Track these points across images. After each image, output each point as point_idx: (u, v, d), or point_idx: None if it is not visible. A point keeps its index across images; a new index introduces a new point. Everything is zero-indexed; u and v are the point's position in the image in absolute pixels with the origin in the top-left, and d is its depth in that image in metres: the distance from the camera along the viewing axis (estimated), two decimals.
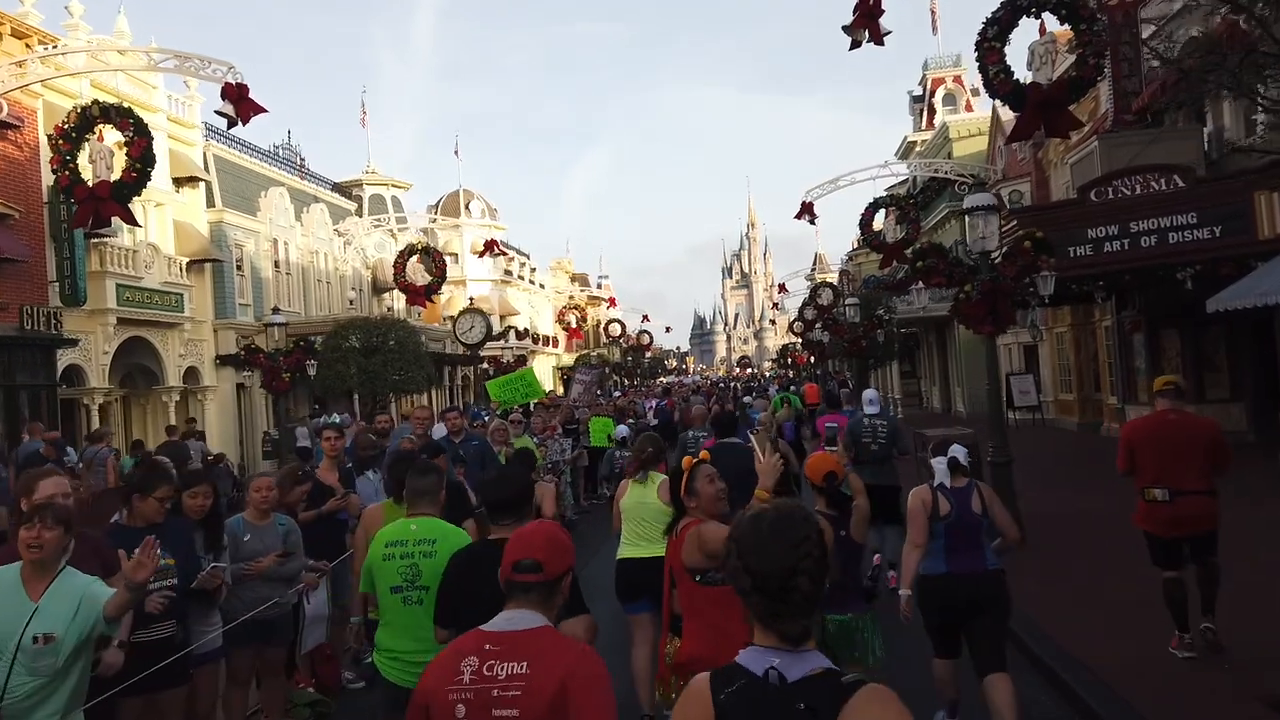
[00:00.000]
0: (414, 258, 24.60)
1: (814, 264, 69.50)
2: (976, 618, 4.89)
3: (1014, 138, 14.05)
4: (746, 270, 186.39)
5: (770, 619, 1.89)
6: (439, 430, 9.13)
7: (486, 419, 11.66)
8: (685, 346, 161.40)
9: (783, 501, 2.16)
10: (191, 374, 23.74)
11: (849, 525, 5.02)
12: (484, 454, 8.69)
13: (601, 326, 60.45)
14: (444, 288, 43.86)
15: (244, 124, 13.20)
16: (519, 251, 54.79)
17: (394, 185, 38.13)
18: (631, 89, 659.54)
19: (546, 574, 2.48)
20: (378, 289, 34.84)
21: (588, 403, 16.16)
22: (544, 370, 54.63)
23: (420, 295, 24.79)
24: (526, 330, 49.67)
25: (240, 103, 12.95)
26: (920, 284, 11.13)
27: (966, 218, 9.73)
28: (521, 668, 2.31)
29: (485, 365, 28.87)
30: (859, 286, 35.74)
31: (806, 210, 24.74)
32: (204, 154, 25.32)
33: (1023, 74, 12.82)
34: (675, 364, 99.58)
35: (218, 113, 13.08)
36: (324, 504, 6.61)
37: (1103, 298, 16.29)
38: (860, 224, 26.60)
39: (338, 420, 9.98)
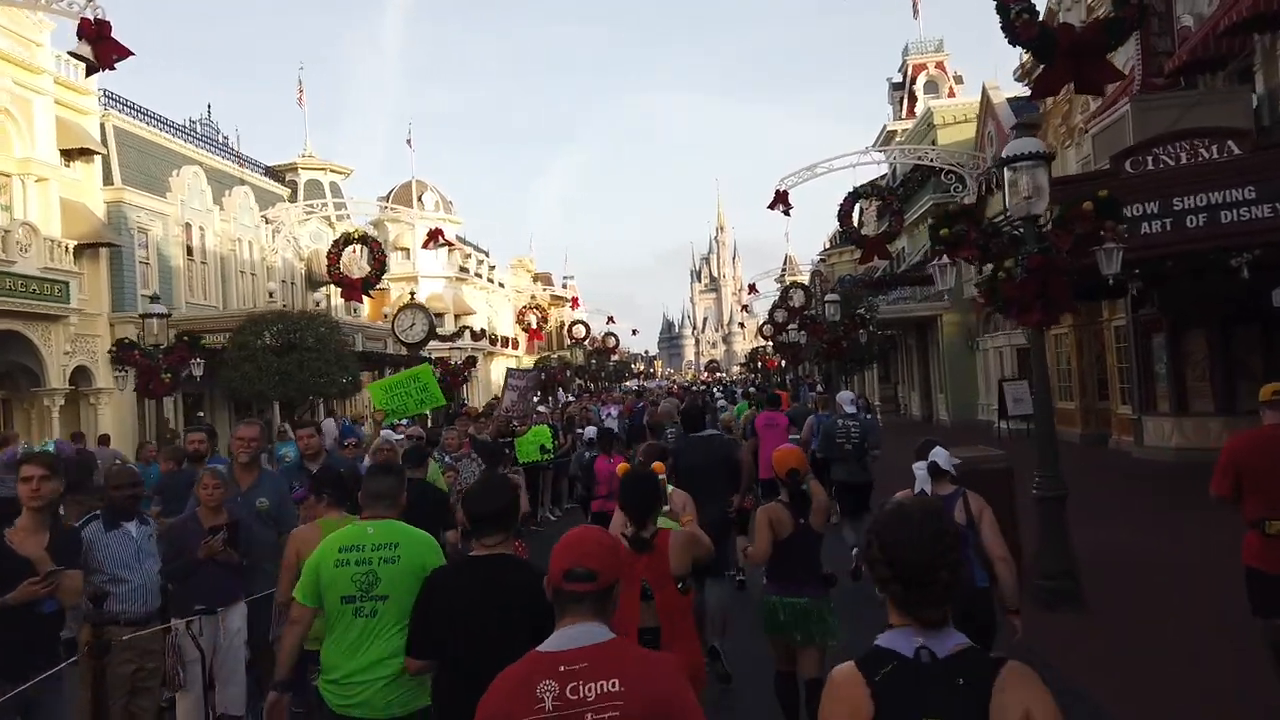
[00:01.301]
0: (350, 248, 22.37)
1: (784, 266, 67.19)
2: None
3: (1038, 94, 11.76)
4: (715, 274, 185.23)
5: (910, 606, 1.91)
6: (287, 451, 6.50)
7: (364, 434, 9.05)
8: (653, 350, 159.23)
9: (920, 498, 2.18)
10: (82, 374, 20.78)
11: (808, 514, 4.97)
12: None
13: (565, 328, 57.68)
14: (395, 285, 41.49)
15: (105, 68, 11.33)
16: (476, 248, 52.03)
17: (333, 170, 35.00)
18: (603, 94, 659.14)
19: (600, 583, 2.28)
20: (313, 282, 31.94)
21: (522, 413, 13.56)
22: (502, 373, 52.00)
23: (356, 289, 22.53)
24: (483, 331, 47.09)
25: (99, 42, 10.96)
26: (944, 259, 8.72)
27: (1007, 171, 7.26)
28: (614, 685, 2.14)
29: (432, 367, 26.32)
30: (834, 286, 33.58)
31: (781, 199, 22.52)
32: (101, 124, 22.32)
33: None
34: (643, 368, 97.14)
35: (72, 54, 11.64)
36: (13, 588, 3.99)
37: (1139, 289, 13.98)
38: (839, 215, 24.67)
39: (51, 447, 7.18)
